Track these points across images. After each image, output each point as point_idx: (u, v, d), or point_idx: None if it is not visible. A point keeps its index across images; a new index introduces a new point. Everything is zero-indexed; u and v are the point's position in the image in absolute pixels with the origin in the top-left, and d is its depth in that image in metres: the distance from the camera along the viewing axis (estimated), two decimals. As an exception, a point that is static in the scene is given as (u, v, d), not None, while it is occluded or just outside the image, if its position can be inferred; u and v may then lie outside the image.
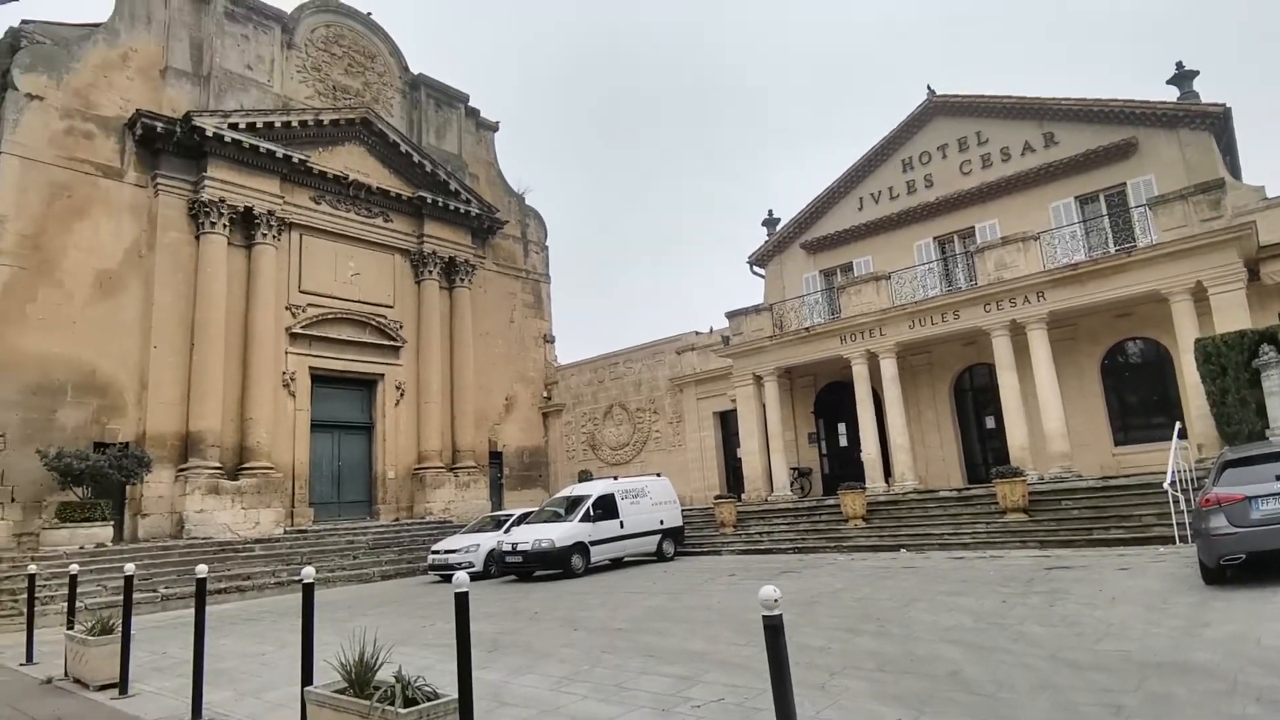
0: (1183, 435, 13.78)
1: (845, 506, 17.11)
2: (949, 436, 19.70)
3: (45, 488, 16.61)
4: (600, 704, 5.91)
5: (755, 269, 25.29)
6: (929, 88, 21.50)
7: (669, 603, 11.06)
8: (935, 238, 21.31)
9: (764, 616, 2.99)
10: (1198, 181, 15.57)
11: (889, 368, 18.39)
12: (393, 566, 19.17)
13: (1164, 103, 17.86)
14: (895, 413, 18.25)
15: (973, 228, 20.49)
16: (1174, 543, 12.02)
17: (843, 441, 21.77)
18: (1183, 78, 18.20)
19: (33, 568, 10.92)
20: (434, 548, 18.17)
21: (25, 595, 11.10)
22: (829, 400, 22.01)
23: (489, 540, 17.46)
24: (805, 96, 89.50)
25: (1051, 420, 15.98)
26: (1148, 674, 5.46)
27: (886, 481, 18.31)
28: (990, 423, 19.05)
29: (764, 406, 20.74)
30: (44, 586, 12.68)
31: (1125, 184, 18.21)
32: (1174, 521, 12.02)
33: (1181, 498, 12.08)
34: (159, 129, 19.32)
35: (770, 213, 25.27)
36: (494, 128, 29.93)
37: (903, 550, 15.20)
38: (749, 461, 20.92)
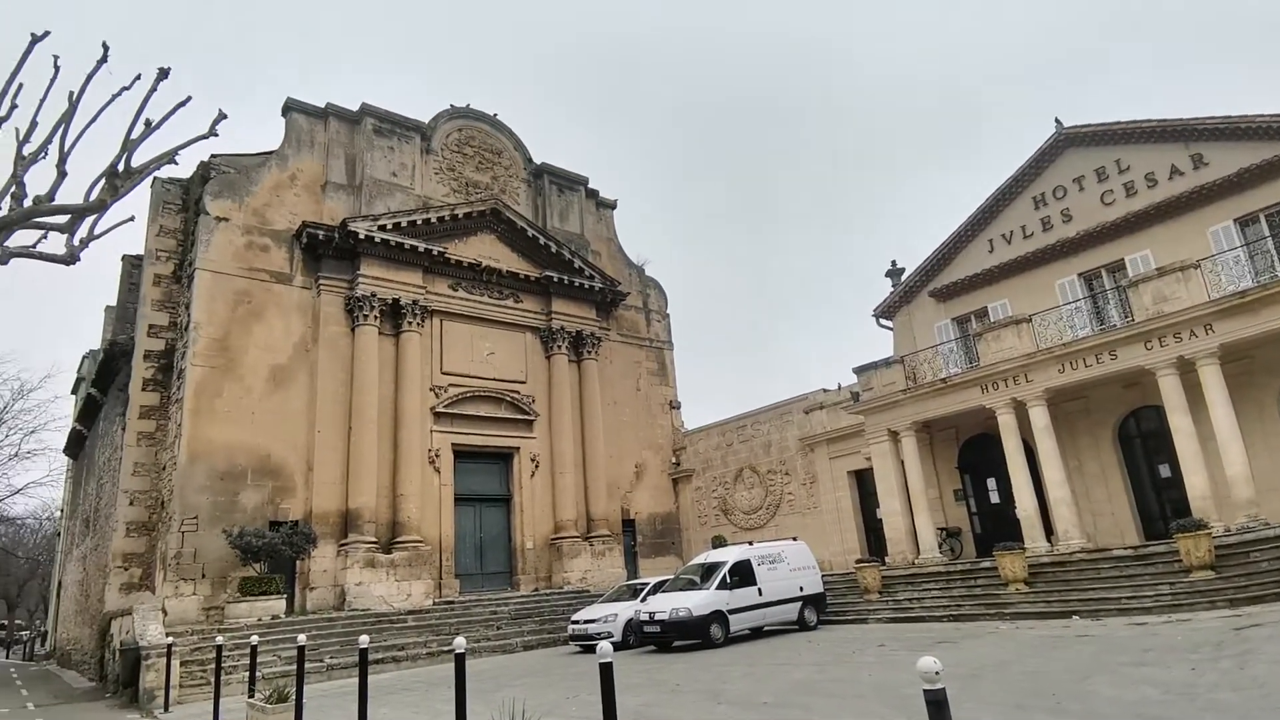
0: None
1: (1004, 569, 15.82)
2: (1117, 488, 17.92)
3: (229, 564, 18.29)
4: (751, 782, 5.70)
5: (882, 321, 24.56)
6: (1057, 120, 20.56)
7: (816, 675, 10.55)
8: (1080, 274, 19.96)
9: (925, 690, 2.83)
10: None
11: (1040, 416, 17.12)
12: (534, 636, 19.46)
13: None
14: (1052, 465, 16.87)
15: (1122, 260, 19.04)
16: None
17: (993, 498, 20.27)
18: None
19: (220, 639, 11.96)
20: (573, 618, 18.32)
21: (213, 666, 12.14)
22: (974, 454, 20.67)
23: (626, 610, 17.40)
24: (921, 142, 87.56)
25: (1234, 464, 14.24)
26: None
27: (1048, 540, 16.82)
28: (1165, 471, 17.20)
29: (902, 463, 19.78)
30: (228, 657, 13.80)
31: (1292, 201, 16.42)
32: None
33: None
34: (320, 236, 21.62)
35: (894, 263, 24.63)
36: (612, 205, 31.24)
37: (1075, 617, 13.80)
38: (891, 522, 19.87)
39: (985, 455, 19.90)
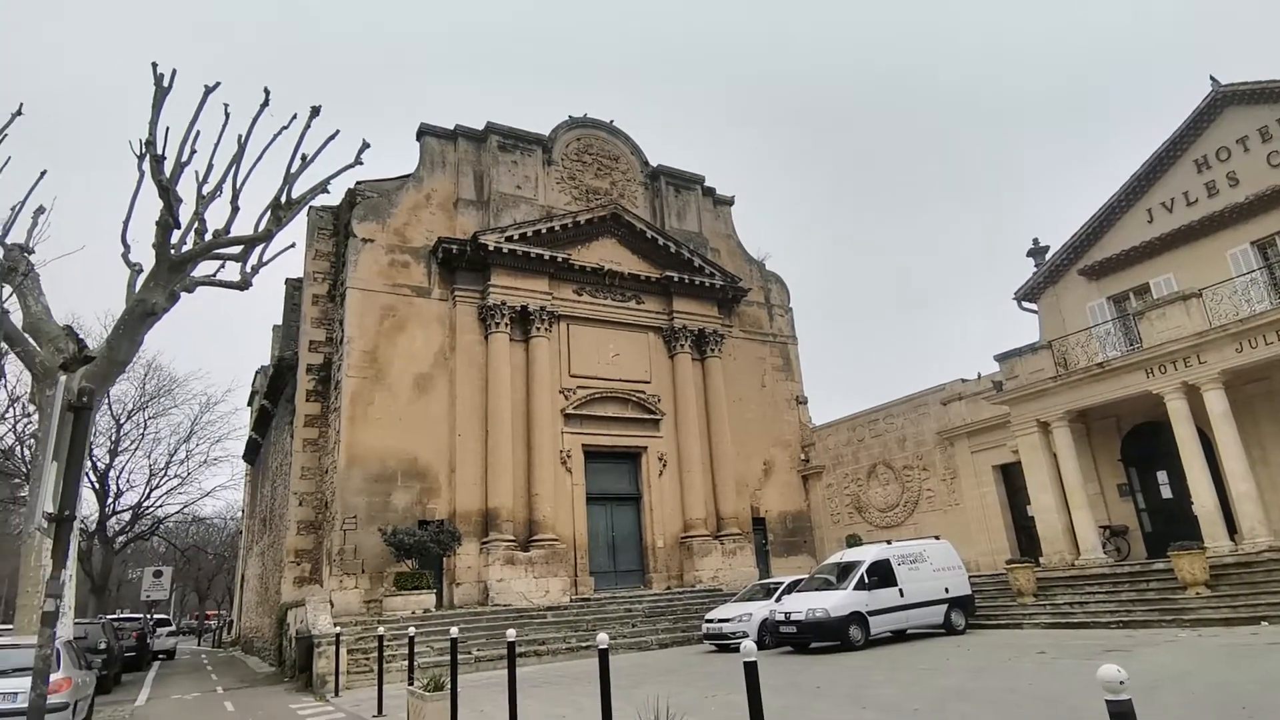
0: None
1: (1181, 571, 14.37)
2: (1316, 480, 15.82)
3: (384, 560, 19.66)
4: (904, 791, 5.47)
5: (1024, 304, 22.91)
6: (1213, 78, 18.49)
7: (968, 682, 9.99)
8: (1253, 242, 17.81)
9: (1108, 701, 2.59)
10: None
11: (1216, 401, 15.41)
12: (668, 635, 19.61)
13: None
14: (1233, 455, 15.15)
15: (1309, 223, 16.83)
16: None
17: (1164, 493, 18.44)
18: None
19: (381, 630, 12.85)
20: (707, 616, 18.31)
21: (375, 654, 13.07)
22: (1139, 446, 18.88)
23: (760, 609, 17.20)
24: (1048, 119, 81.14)
25: None
26: None
27: (1231, 539, 15.11)
28: (1379, 461, 15.02)
29: (1055, 456, 18.38)
30: (387, 647, 14.80)
31: None
32: None
33: None
34: (454, 250, 22.86)
35: (1036, 241, 22.91)
36: (730, 202, 31.01)
37: (1264, 623, 12.33)
38: (1044, 520, 18.51)
39: (1153, 446, 18.15)
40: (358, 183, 23.19)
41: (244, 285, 13.89)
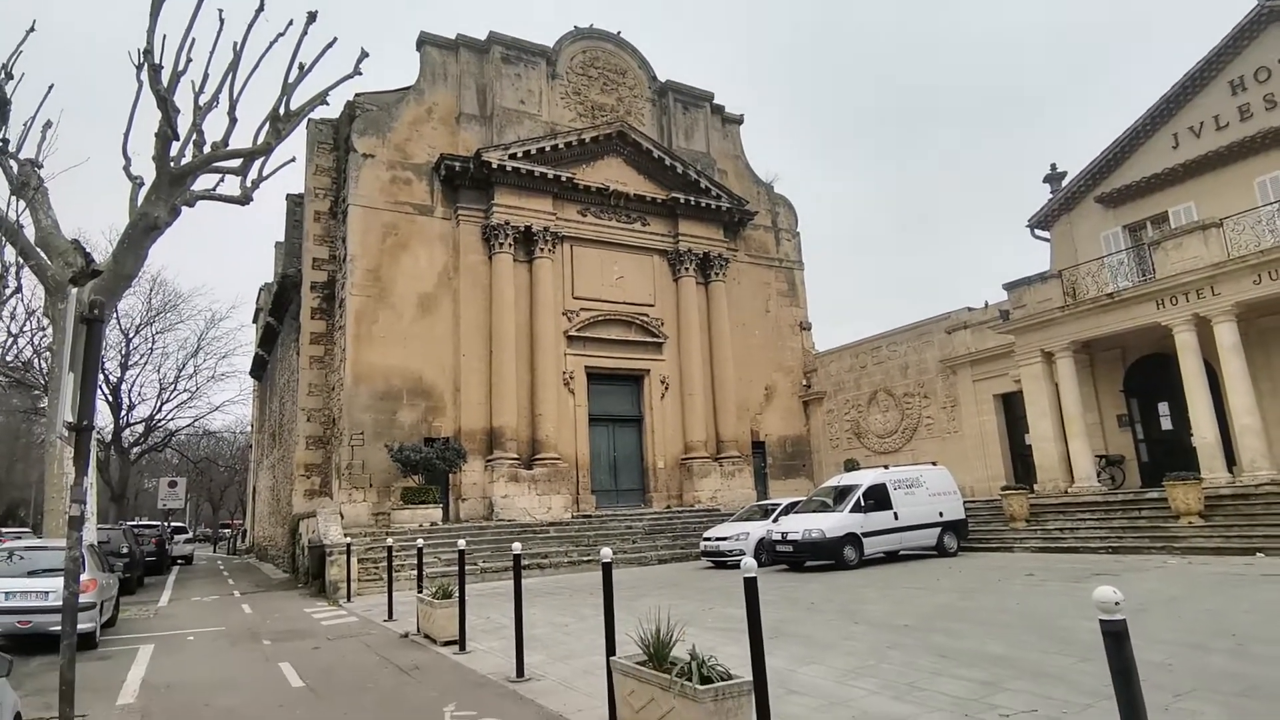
0: None
1: (1175, 500, 14.59)
2: (1319, 415, 15.85)
3: (391, 475, 20.06)
4: (893, 701, 5.68)
5: (1037, 233, 22.50)
6: (1262, -12, 17.50)
7: (959, 601, 10.29)
8: (1285, 170, 17.27)
9: (1102, 621, 2.61)
10: None
11: (1227, 334, 15.28)
12: (667, 551, 20.16)
13: None
14: (1239, 389, 15.12)
15: (1342, 152, 16.27)
16: None
17: (1165, 424, 18.55)
18: None
19: (390, 541, 13.25)
20: (705, 535, 18.77)
21: (384, 564, 13.50)
22: (1142, 377, 18.87)
23: (758, 529, 17.61)
24: (1077, 48, 77.66)
25: None
26: None
27: (1229, 471, 15.27)
28: (1383, 396, 15.00)
29: (1056, 386, 18.41)
30: (396, 557, 15.28)
31: None
32: None
33: None
34: (457, 167, 22.33)
35: (1053, 167, 22.28)
36: (739, 121, 30.08)
37: (1259, 554, 12.59)
38: (1041, 449, 18.69)
39: (1156, 378, 18.15)
40: (356, 95, 22.47)
41: (244, 200, 13.66)
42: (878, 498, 16.20)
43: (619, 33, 27.16)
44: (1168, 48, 67.68)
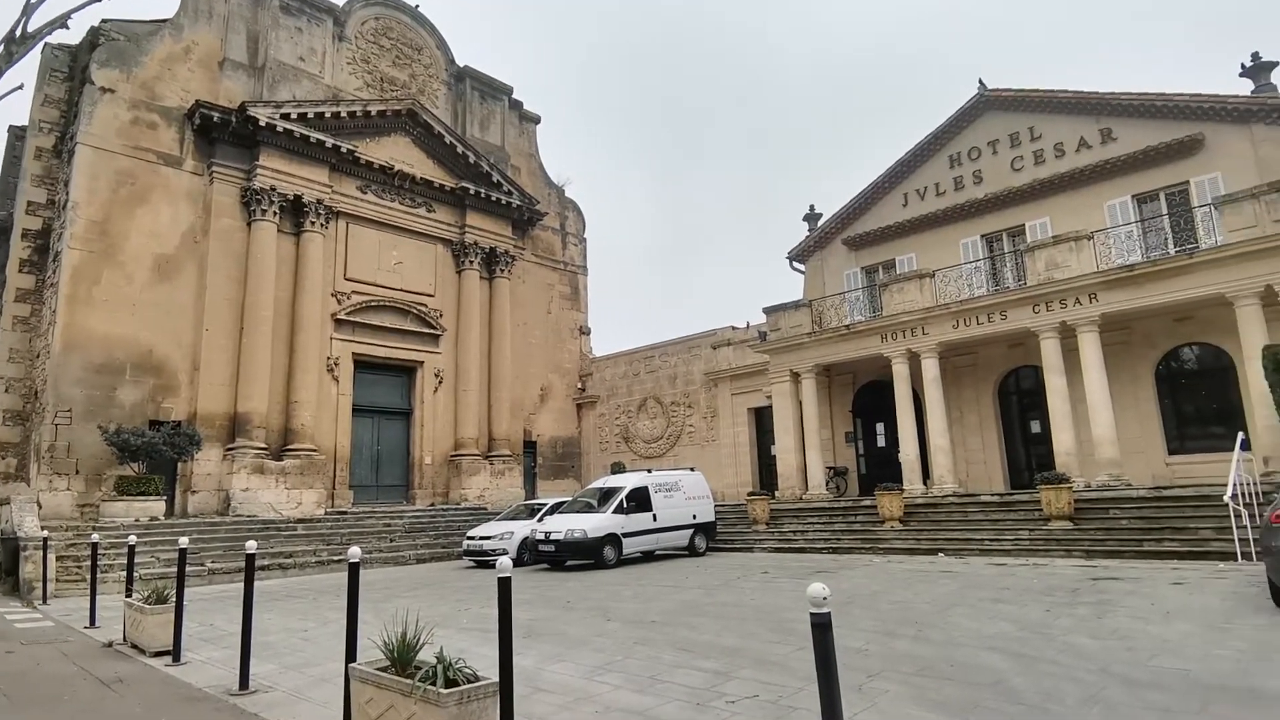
0: (1246, 446, 13.25)
1: (882, 508, 16.90)
2: (991, 440, 19.31)
3: (105, 461, 17.28)
4: (634, 694, 5.94)
5: (795, 265, 25.04)
6: (980, 82, 21.00)
7: (702, 598, 11.05)
8: (983, 235, 20.84)
9: (812, 614, 2.96)
10: (1271, 180, 14.86)
11: (931, 368, 18.08)
12: (428, 550, 19.49)
13: (1235, 96, 17.01)
14: (936, 414, 17.95)
15: (1023, 226, 19.98)
16: (1235, 559, 11.54)
17: (880, 442, 21.49)
18: (1258, 69, 17.23)
19: (95, 537, 11.38)
20: (469, 534, 18.42)
21: (89, 563, 11.59)
22: (868, 399, 21.73)
23: (523, 528, 17.63)
24: (849, 93, 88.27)
25: (1101, 426, 15.52)
26: (1212, 697, 5.21)
27: (925, 484, 18.03)
28: (1035, 427, 18.63)
29: (800, 404, 20.56)
30: (103, 555, 13.18)
31: (1189, 182, 17.53)
32: (1235, 537, 11.52)
33: (1244, 512, 11.56)
34: (216, 119, 19.85)
35: (812, 208, 25.00)
36: (536, 120, 30.07)
37: (940, 554, 14.97)
38: (784, 459, 20.77)
39: (878, 401, 20.95)
40: (103, 21, 19.22)
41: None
42: (639, 500, 16.94)
43: (417, 6, 25.93)
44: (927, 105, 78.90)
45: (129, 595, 9.24)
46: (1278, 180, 14.55)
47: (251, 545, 7.20)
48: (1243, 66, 17.47)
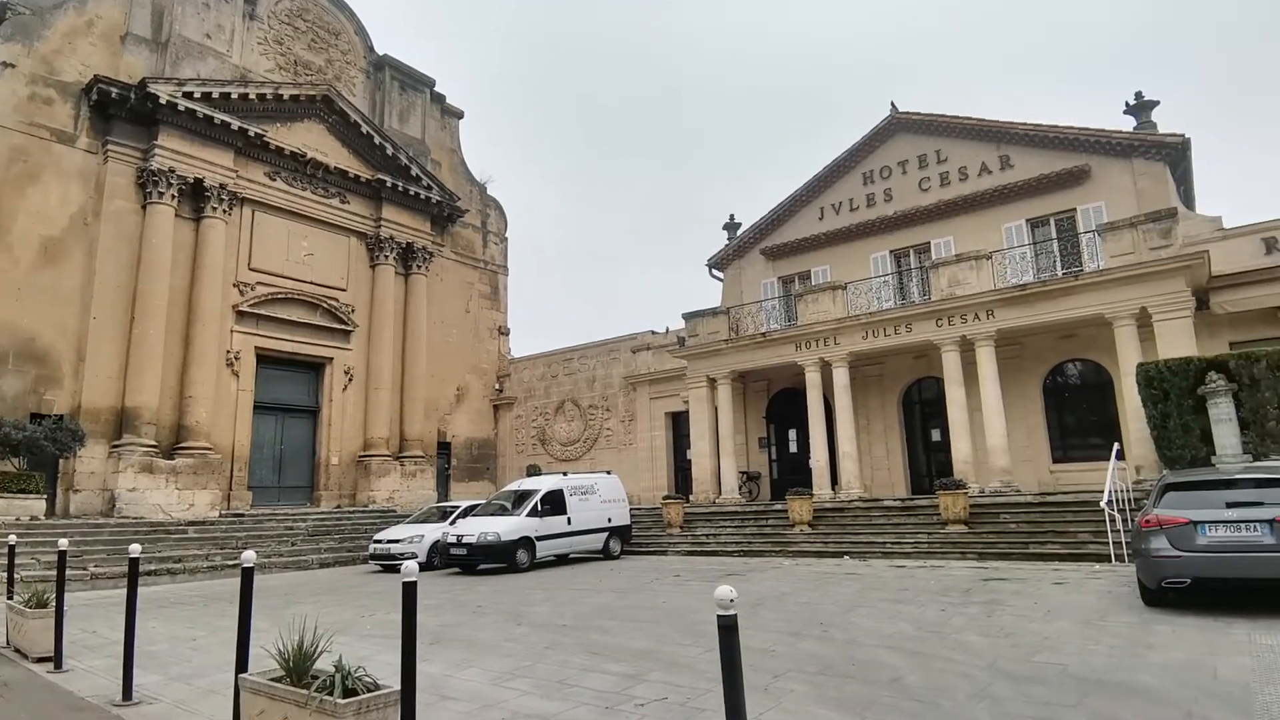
0: (1120, 456, 14.28)
1: (792, 512, 17.35)
2: (895, 447, 20.15)
3: (-26, 458, 15.88)
4: (542, 700, 5.88)
5: (714, 272, 25.47)
6: (893, 104, 21.94)
7: (615, 601, 11.06)
8: (892, 251, 21.75)
9: (719, 616, 3.01)
10: (1149, 210, 16.11)
11: (841, 377, 18.71)
12: (332, 555, 18.76)
13: (1118, 132, 18.44)
14: (845, 421, 18.58)
15: (929, 243, 20.97)
16: (1109, 561, 12.38)
17: (793, 448, 22.08)
18: (1141, 107, 18.66)
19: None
20: (376, 537, 17.84)
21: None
22: (781, 406, 22.30)
23: (434, 531, 17.21)
24: (768, 110, 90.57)
25: (994, 435, 16.45)
26: (1087, 690, 5.56)
27: (833, 489, 18.63)
28: (936, 435, 19.55)
29: (716, 409, 20.91)
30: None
31: (1075, 209, 18.84)
32: (1110, 540, 12.39)
33: (1118, 517, 12.44)
34: (114, 95, 18.63)
35: (732, 217, 25.49)
36: (459, 115, 29.53)
37: (846, 557, 15.48)
38: (699, 463, 21.06)
39: (791, 408, 21.52)
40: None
41: None
42: (554, 503, 16.81)
43: (337, -11, 25.03)
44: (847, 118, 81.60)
45: (10, 597, 8.60)
46: (1154, 211, 15.82)
47: (135, 548, 6.77)
48: (1126, 104, 18.91)
